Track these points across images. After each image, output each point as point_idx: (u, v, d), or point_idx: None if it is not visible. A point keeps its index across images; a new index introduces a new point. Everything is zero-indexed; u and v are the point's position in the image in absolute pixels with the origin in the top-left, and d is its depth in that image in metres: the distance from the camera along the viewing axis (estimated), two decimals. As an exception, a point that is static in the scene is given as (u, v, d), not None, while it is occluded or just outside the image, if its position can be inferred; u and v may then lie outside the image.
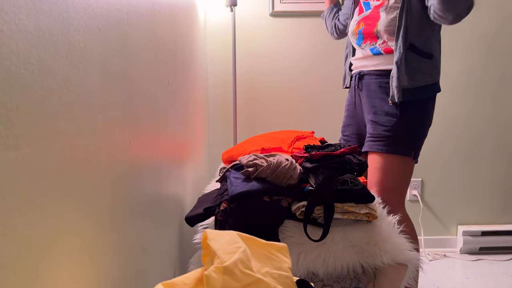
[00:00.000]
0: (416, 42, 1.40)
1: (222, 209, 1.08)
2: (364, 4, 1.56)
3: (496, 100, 2.34)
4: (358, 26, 1.54)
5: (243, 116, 2.33)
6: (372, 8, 1.51)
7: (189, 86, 1.57)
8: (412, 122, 1.44)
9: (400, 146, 1.44)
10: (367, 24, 1.51)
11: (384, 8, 1.45)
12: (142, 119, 0.88)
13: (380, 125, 1.46)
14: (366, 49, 1.52)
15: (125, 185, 0.77)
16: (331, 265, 1.05)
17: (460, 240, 2.36)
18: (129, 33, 0.80)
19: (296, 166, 1.14)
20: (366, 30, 1.50)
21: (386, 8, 1.44)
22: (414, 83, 1.41)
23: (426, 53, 1.43)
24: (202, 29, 2.08)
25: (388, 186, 1.44)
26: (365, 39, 1.52)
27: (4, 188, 0.41)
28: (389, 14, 1.43)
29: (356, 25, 1.55)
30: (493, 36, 2.30)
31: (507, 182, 2.40)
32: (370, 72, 1.53)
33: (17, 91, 0.43)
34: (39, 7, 0.47)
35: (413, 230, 1.51)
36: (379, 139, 1.46)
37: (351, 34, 1.59)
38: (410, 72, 1.41)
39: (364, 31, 1.51)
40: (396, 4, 1.41)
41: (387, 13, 1.44)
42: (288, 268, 0.64)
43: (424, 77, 1.43)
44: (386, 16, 1.43)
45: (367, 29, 1.50)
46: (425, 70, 1.43)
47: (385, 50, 1.46)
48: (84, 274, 0.59)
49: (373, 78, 1.51)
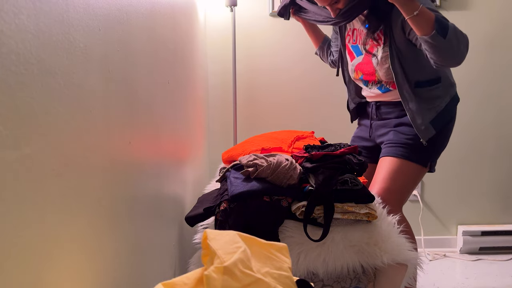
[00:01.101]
0: (420, 77, 1.39)
1: (222, 209, 1.08)
2: (353, 48, 1.52)
3: (496, 101, 2.34)
4: (357, 74, 1.52)
5: (243, 116, 2.33)
6: (363, 54, 1.47)
7: (189, 86, 1.57)
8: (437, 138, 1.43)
9: (420, 155, 1.42)
10: (365, 73, 1.49)
11: (375, 59, 1.42)
12: (142, 119, 0.88)
13: (403, 133, 1.45)
14: (374, 89, 1.51)
15: (125, 185, 0.77)
16: (331, 265, 1.05)
17: (460, 240, 2.36)
18: (129, 33, 0.80)
19: (296, 166, 1.14)
20: (366, 78, 1.49)
21: (377, 60, 1.41)
22: (436, 109, 1.40)
23: (433, 79, 1.41)
24: (202, 29, 2.08)
25: (392, 187, 1.42)
26: (369, 82, 1.51)
27: (4, 188, 0.41)
28: (382, 65, 1.40)
29: (354, 72, 1.53)
30: (494, 37, 2.30)
31: (507, 182, 2.40)
32: (387, 102, 1.51)
33: (17, 91, 0.43)
34: (39, 7, 0.47)
35: (411, 232, 1.50)
36: (400, 145, 1.44)
37: (354, 79, 1.57)
38: (428, 105, 1.39)
39: (365, 78, 1.50)
40: (385, 53, 1.38)
41: (380, 65, 1.41)
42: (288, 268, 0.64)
43: (443, 99, 1.42)
44: (381, 68, 1.41)
45: (367, 77, 1.49)
46: (440, 94, 1.42)
47: (393, 86, 1.43)
48: (84, 274, 0.59)
49: (391, 107, 1.50)
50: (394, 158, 1.43)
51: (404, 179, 1.43)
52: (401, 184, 1.43)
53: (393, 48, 1.36)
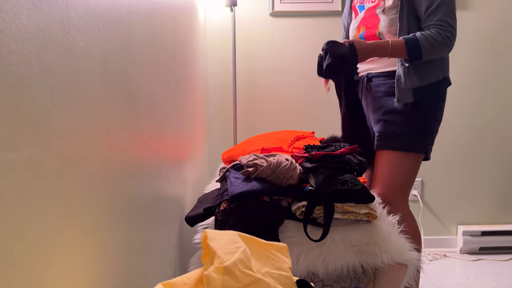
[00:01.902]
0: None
1: (222, 209, 1.08)
2: (359, 7, 1.54)
3: (496, 100, 2.34)
4: (359, 31, 1.53)
5: (243, 116, 2.33)
6: (366, 9, 1.50)
7: (189, 86, 1.57)
8: (425, 119, 1.43)
9: (413, 143, 1.43)
10: (367, 27, 1.49)
11: (381, 9, 1.44)
12: (142, 119, 0.88)
13: (392, 123, 1.44)
14: None
15: (125, 185, 0.77)
16: (331, 265, 1.05)
17: (460, 240, 2.36)
18: (129, 33, 0.80)
19: (296, 166, 1.14)
20: (367, 33, 1.49)
21: (384, 9, 1.43)
22: (425, 81, 1.40)
23: None
24: (202, 29, 2.08)
25: (394, 183, 1.43)
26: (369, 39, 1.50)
27: (4, 188, 0.41)
28: (388, 15, 1.42)
29: (356, 29, 1.54)
30: (494, 37, 2.30)
31: (507, 182, 2.40)
32: (378, 74, 1.51)
33: (17, 91, 0.43)
34: (39, 7, 0.47)
35: (416, 228, 1.50)
36: (393, 136, 1.44)
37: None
38: (420, 71, 1.39)
39: (365, 35, 1.50)
40: (395, 4, 1.40)
41: (385, 14, 1.42)
42: (288, 268, 0.64)
43: (435, 73, 1.41)
44: (385, 17, 1.42)
45: (368, 32, 1.49)
46: (436, 69, 1.42)
47: None
48: (84, 274, 0.59)
49: (382, 79, 1.50)
50: (390, 151, 1.44)
51: (404, 171, 1.44)
52: (403, 177, 1.44)
53: (404, 3, 1.38)
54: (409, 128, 1.42)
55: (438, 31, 1.33)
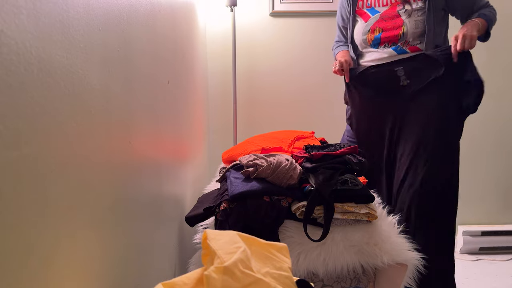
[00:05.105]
0: (438, 42, 1.46)
1: (222, 209, 1.08)
2: (369, 11, 1.55)
3: (496, 100, 2.34)
4: (373, 33, 1.53)
5: (243, 116, 2.33)
6: (381, 12, 1.51)
7: (189, 86, 1.57)
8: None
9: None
10: (386, 28, 1.50)
11: (404, 10, 1.47)
12: (142, 119, 0.88)
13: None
14: (386, 50, 1.51)
15: (125, 185, 0.77)
16: (331, 265, 1.05)
17: (460, 240, 2.36)
18: (129, 33, 0.80)
19: (296, 166, 1.14)
20: (386, 35, 1.50)
21: (408, 10, 1.46)
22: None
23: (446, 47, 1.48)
24: (202, 30, 2.08)
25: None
26: (382, 43, 1.52)
27: (4, 188, 0.41)
28: (413, 17, 1.45)
29: (370, 32, 1.54)
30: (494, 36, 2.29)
31: (507, 182, 2.40)
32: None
33: (17, 91, 0.43)
34: (39, 7, 0.47)
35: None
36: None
37: (361, 42, 1.58)
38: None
39: (383, 36, 1.51)
40: (421, 6, 1.44)
41: (411, 16, 1.46)
42: (288, 268, 0.64)
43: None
44: (411, 20, 1.45)
45: (387, 33, 1.50)
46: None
47: (410, 48, 1.48)
48: (84, 274, 0.59)
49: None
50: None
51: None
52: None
53: (431, 5, 1.43)
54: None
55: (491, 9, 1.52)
